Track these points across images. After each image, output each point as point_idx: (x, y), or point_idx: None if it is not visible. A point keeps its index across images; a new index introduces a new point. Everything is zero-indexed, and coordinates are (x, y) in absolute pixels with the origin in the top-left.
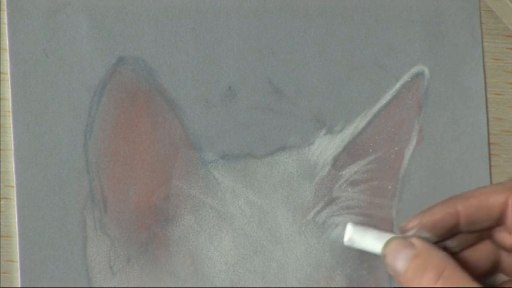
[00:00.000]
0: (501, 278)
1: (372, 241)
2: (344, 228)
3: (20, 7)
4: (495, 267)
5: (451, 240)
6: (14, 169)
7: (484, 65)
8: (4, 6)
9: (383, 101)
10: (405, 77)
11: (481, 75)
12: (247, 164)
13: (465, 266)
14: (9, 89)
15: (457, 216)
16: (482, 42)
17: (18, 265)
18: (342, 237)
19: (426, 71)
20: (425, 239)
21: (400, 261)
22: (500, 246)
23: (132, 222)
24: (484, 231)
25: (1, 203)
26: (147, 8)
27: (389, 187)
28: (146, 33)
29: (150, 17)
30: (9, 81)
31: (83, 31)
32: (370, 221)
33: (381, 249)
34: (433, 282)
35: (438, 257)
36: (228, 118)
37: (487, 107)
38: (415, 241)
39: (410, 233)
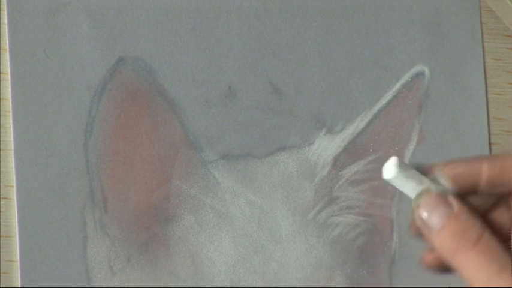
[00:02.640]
0: None
1: (411, 187)
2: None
3: (20, 7)
4: (505, 239)
5: (470, 198)
6: (14, 169)
7: (484, 65)
8: (4, 6)
9: (383, 101)
10: (405, 77)
11: (481, 75)
12: (247, 164)
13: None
14: (9, 89)
15: (479, 175)
16: (482, 42)
17: (18, 265)
18: (343, 236)
19: (426, 70)
20: (442, 189)
21: (436, 218)
22: None
23: (132, 222)
24: (502, 198)
25: (1, 203)
26: (147, 8)
27: (390, 187)
28: (146, 33)
29: (150, 17)
30: (9, 81)
31: (83, 31)
32: (370, 220)
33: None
34: (470, 246)
35: (476, 222)
36: (228, 118)
37: (487, 107)
38: (452, 200)
39: (431, 176)
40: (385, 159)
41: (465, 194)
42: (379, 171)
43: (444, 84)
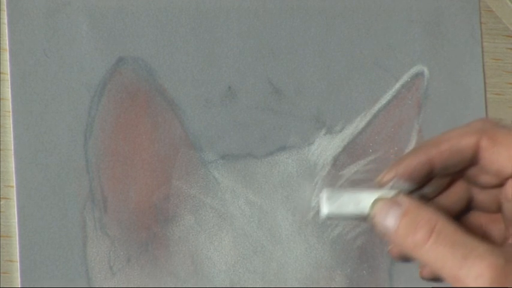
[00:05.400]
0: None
1: (354, 207)
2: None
3: (20, 7)
4: (468, 205)
5: (427, 186)
6: (14, 169)
7: (483, 65)
8: (4, 6)
9: (383, 101)
10: (405, 77)
11: (480, 76)
12: (247, 164)
13: (442, 210)
14: (9, 89)
15: (431, 163)
16: (482, 42)
17: (18, 265)
18: (343, 236)
19: (426, 71)
20: (404, 190)
21: (390, 221)
22: (474, 184)
23: (132, 222)
24: (457, 173)
25: (1, 203)
26: (147, 8)
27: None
28: (146, 33)
29: (150, 17)
30: (9, 81)
31: (83, 31)
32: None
33: (364, 212)
34: (426, 238)
35: (427, 212)
36: (228, 118)
37: (486, 107)
38: (401, 199)
39: (387, 186)
40: (384, 159)
41: (423, 185)
42: (378, 171)
43: (443, 84)
